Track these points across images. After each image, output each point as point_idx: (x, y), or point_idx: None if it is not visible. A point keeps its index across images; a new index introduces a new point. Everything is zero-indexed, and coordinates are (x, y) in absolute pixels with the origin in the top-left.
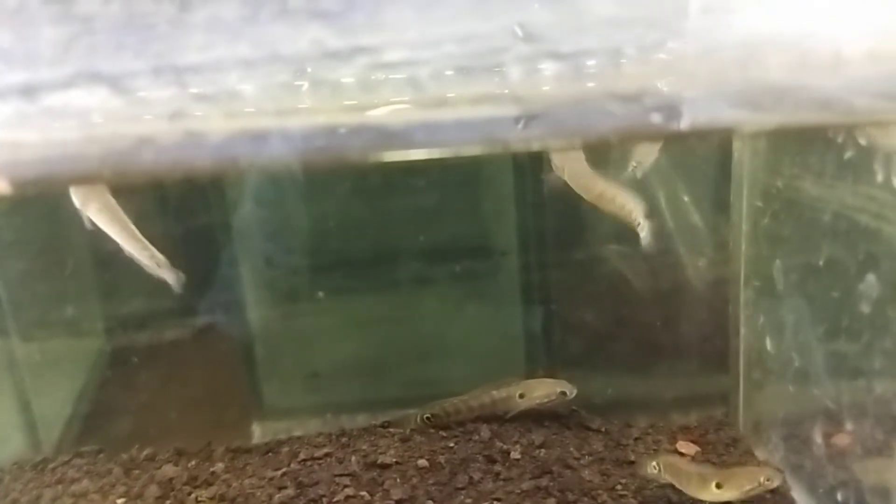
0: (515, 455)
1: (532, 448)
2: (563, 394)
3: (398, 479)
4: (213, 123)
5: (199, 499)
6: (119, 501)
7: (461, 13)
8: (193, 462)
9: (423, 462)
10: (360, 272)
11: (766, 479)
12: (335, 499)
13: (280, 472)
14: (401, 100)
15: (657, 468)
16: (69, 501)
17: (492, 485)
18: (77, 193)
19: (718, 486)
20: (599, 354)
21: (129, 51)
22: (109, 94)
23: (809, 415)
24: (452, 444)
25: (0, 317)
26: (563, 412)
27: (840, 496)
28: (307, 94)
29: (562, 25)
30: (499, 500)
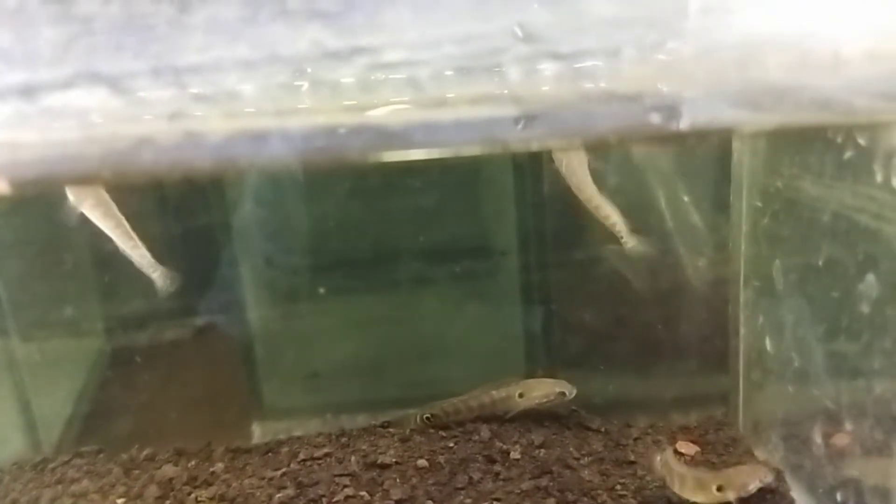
0: (515, 455)
1: (532, 448)
2: (562, 394)
3: (398, 480)
4: (213, 124)
5: (199, 499)
6: (119, 501)
7: (460, 14)
8: (193, 462)
9: (423, 462)
10: (360, 272)
11: (765, 477)
12: (335, 499)
13: (280, 472)
14: (400, 100)
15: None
16: (69, 501)
17: (491, 485)
18: (72, 191)
19: (720, 489)
20: (599, 354)
21: (129, 51)
22: (109, 95)
23: (809, 415)
24: (452, 444)
25: (0, 317)
26: (563, 412)
27: (839, 496)
28: (307, 95)
29: (561, 26)
30: (498, 500)
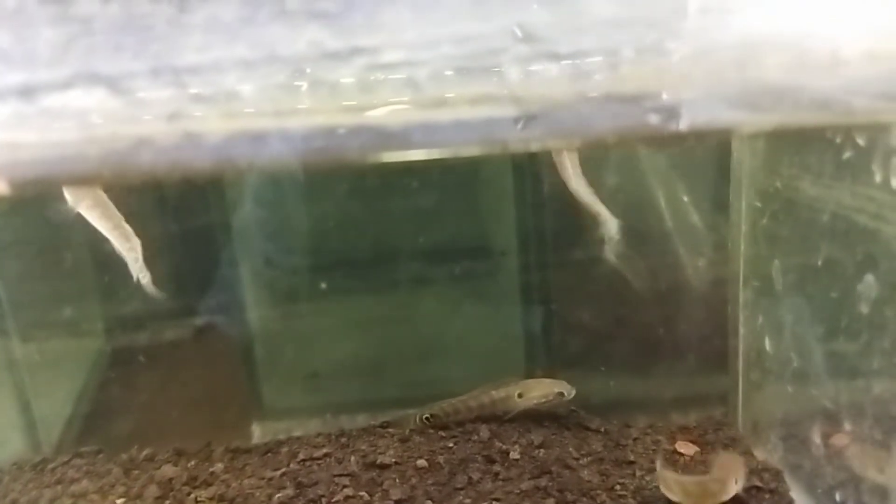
0: (514, 455)
1: (531, 448)
2: (561, 394)
3: (397, 480)
4: (212, 124)
5: (199, 499)
6: (118, 501)
7: (459, 14)
8: (193, 462)
9: (423, 462)
10: (360, 272)
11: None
12: (334, 499)
13: (279, 473)
14: (399, 100)
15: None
16: (68, 502)
17: (491, 485)
18: (70, 191)
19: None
20: (599, 354)
21: (128, 51)
22: (108, 95)
23: (808, 415)
24: (451, 445)
25: (0, 317)
26: (563, 412)
27: (839, 496)
28: (306, 95)
29: (560, 26)
30: (498, 500)
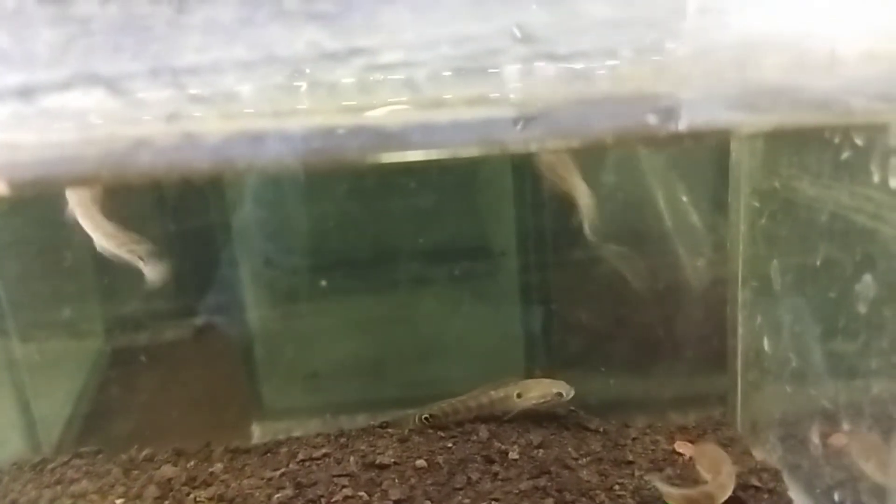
0: (513, 455)
1: (530, 448)
2: (559, 395)
3: (396, 480)
4: (211, 125)
5: (198, 499)
6: (118, 502)
7: (457, 15)
8: (192, 462)
9: (422, 462)
10: (360, 272)
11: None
12: (333, 499)
13: (278, 473)
14: (398, 101)
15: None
16: (68, 502)
17: (490, 485)
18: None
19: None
20: (598, 354)
21: (127, 52)
22: (107, 96)
23: (807, 415)
24: (451, 445)
25: (0, 317)
26: (562, 412)
27: (837, 496)
28: (304, 96)
29: (559, 27)
30: (497, 501)
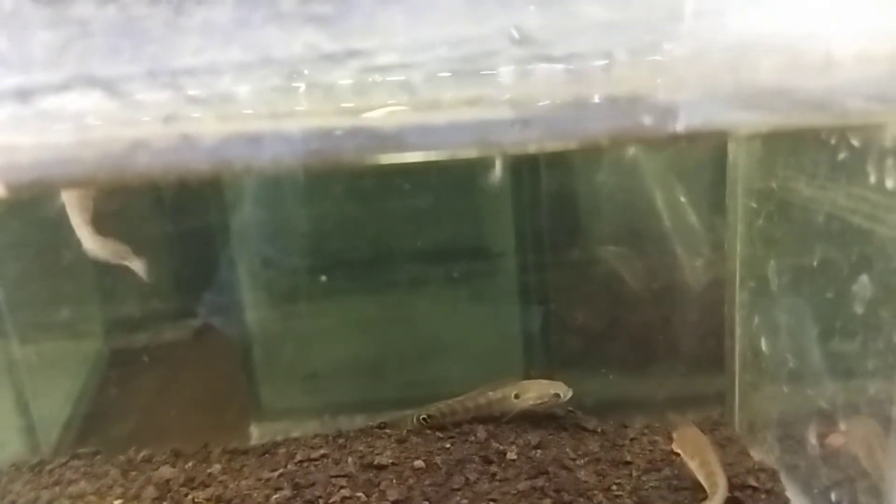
0: (511, 456)
1: (528, 449)
2: (557, 395)
3: (394, 480)
4: (208, 126)
5: (196, 500)
6: (116, 503)
7: (454, 17)
8: (190, 463)
9: (420, 463)
10: (358, 273)
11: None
12: (331, 500)
13: (277, 474)
14: (395, 102)
15: None
16: (66, 503)
17: (488, 485)
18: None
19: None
20: (596, 355)
21: (124, 54)
22: (104, 98)
23: (804, 415)
24: (449, 445)
25: None
26: (560, 413)
27: (834, 496)
28: (301, 97)
29: (555, 28)
30: (495, 501)
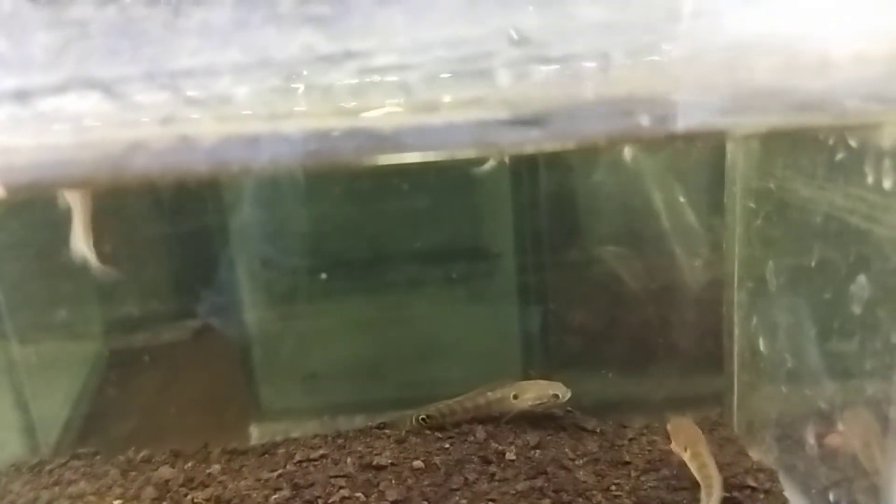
0: (510, 456)
1: (527, 449)
2: (556, 396)
3: (393, 481)
4: (206, 127)
5: (195, 500)
6: (116, 503)
7: (452, 18)
8: (190, 464)
9: (419, 463)
10: (357, 274)
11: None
12: (330, 500)
13: (276, 474)
14: (393, 103)
15: None
16: (66, 503)
17: (487, 486)
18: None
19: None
20: (595, 355)
21: (123, 56)
22: (103, 99)
23: (802, 415)
24: (448, 445)
25: None
26: (559, 413)
27: (832, 496)
28: (300, 98)
29: (552, 29)
30: (494, 501)
